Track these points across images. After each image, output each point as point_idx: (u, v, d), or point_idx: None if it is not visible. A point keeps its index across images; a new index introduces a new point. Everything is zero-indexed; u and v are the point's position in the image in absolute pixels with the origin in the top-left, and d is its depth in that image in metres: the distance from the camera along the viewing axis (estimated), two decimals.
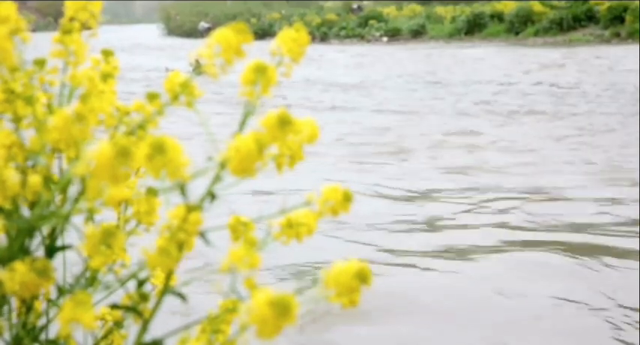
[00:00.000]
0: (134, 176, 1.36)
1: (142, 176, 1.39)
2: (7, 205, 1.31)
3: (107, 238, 1.08)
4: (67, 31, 1.28)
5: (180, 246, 1.23)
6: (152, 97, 1.29)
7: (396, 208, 5.02)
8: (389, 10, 28.13)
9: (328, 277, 1.12)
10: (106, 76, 1.38)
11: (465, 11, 25.50)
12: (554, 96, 10.80)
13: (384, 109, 9.93)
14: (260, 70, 1.23)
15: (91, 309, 1.07)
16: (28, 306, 1.35)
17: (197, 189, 1.18)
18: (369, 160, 6.65)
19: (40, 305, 1.39)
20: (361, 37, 26.59)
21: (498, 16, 24.58)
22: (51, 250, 1.37)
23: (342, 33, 27.24)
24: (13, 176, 1.20)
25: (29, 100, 1.28)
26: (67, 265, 1.37)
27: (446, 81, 12.94)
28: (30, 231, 1.12)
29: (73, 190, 1.14)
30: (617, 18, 21.70)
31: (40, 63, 1.39)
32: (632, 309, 3.07)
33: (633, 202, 4.91)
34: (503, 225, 4.52)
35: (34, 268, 1.18)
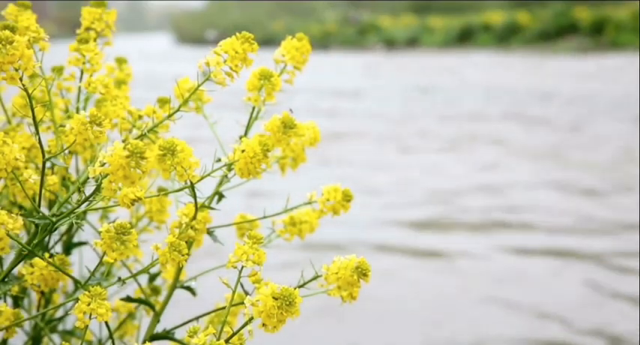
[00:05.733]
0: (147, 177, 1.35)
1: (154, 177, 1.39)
2: (28, 204, 1.30)
3: (121, 235, 1.08)
4: (84, 41, 1.28)
5: (190, 243, 1.23)
6: (163, 102, 1.28)
7: None
8: (385, 21, 28.18)
9: (329, 272, 1.12)
10: (119, 83, 1.37)
11: (457, 22, 25.54)
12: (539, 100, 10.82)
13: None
14: (265, 77, 1.22)
15: (106, 302, 1.06)
16: (47, 299, 1.34)
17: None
18: None
19: (58, 298, 1.38)
20: (359, 47, 26.66)
21: (488, 27, 24.65)
22: (68, 247, 1.37)
23: (341, 42, 27.32)
24: (32, 176, 1.19)
25: (48, 105, 1.27)
26: (82, 260, 1.37)
27: (437, 88, 12.94)
28: (49, 229, 1.12)
29: (88, 189, 1.13)
30: (598, 28, 21.76)
31: (58, 70, 1.39)
32: None
33: None
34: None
35: (53, 263, 1.18)
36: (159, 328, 1.28)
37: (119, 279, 1.18)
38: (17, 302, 1.31)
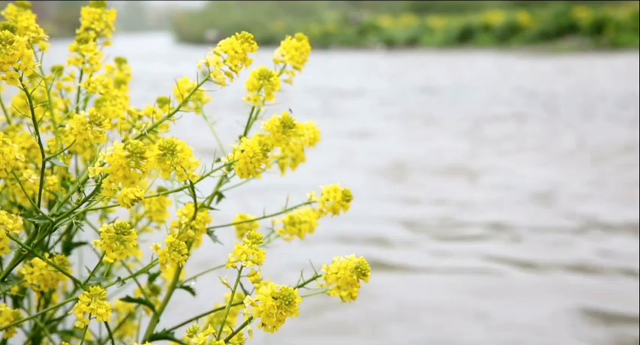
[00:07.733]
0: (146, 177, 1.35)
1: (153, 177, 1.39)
2: (27, 204, 1.30)
3: (121, 235, 1.08)
4: (83, 41, 1.28)
5: (190, 243, 1.23)
6: (162, 102, 1.28)
7: None
8: (385, 21, 28.20)
9: (328, 272, 1.12)
10: (119, 83, 1.37)
11: (457, 22, 25.55)
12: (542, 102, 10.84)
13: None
14: (264, 77, 1.22)
15: (106, 302, 1.06)
16: (46, 299, 1.34)
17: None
18: None
19: (58, 298, 1.38)
20: (359, 47, 26.67)
21: (488, 27, 24.66)
22: (68, 247, 1.37)
23: (341, 42, 27.33)
24: (32, 176, 1.19)
25: (47, 105, 1.27)
26: (82, 260, 1.37)
27: (435, 88, 12.95)
28: (49, 229, 1.12)
29: (88, 189, 1.13)
30: (598, 28, 21.76)
31: (58, 70, 1.39)
32: None
33: None
34: None
35: (52, 263, 1.18)
36: (158, 328, 1.28)
37: (119, 279, 1.18)
38: (17, 302, 1.31)
